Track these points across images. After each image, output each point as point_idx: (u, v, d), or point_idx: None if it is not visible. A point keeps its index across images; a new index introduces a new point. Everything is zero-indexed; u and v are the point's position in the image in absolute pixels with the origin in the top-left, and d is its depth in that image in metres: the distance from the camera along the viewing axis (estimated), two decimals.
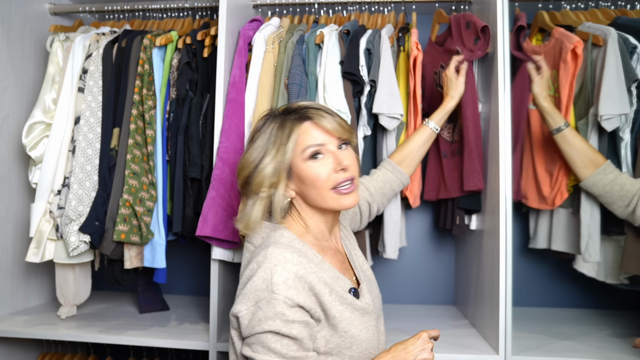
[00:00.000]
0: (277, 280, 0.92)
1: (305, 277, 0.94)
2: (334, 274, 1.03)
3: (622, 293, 1.71)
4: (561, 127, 1.45)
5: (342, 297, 1.00)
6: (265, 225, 1.07)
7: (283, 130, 1.03)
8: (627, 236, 1.47)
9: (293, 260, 0.95)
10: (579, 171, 1.47)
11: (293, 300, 0.91)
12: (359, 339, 1.00)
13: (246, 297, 0.94)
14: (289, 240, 1.02)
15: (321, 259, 1.03)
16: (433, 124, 1.45)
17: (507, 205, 1.39)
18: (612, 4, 1.70)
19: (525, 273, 1.94)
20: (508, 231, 1.38)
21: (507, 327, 1.37)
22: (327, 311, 0.97)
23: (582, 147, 1.45)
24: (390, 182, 1.41)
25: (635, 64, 1.48)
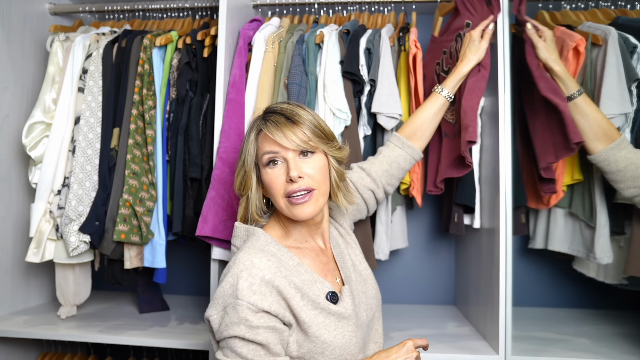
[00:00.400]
0: (242, 285, 0.93)
1: (272, 282, 0.95)
2: (311, 277, 1.02)
3: (622, 293, 1.71)
4: (574, 95, 1.36)
5: (315, 301, 0.99)
6: (245, 229, 1.08)
7: (250, 134, 1.07)
8: (632, 238, 1.45)
9: (260, 265, 0.96)
10: (589, 143, 1.36)
11: (257, 305, 0.92)
12: (332, 345, 0.98)
13: (215, 302, 0.96)
14: (264, 243, 1.03)
15: (298, 262, 1.02)
16: (446, 91, 1.36)
17: (507, 205, 1.39)
18: (612, 4, 1.70)
19: (525, 273, 1.94)
20: (508, 231, 1.38)
21: (507, 327, 1.36)
22: (297, 316, 0.96)
23: (596, 117, 1.35)
24: (398, 161, 1.33)
25: (635, 64, 1.48)
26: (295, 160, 1.02)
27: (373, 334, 1.13)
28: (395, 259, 2.00)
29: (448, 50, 1.60)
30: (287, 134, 1.00)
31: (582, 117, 1.36)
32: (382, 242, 1.58)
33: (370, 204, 1.33)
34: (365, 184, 1.30)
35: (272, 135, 1.00)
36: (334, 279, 1.10)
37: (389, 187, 1.35)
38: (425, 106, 1.37)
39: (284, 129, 1.01)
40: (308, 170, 1.02)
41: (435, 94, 1.37)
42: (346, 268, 1.13)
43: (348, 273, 1.12)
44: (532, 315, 1.79)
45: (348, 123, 1.48)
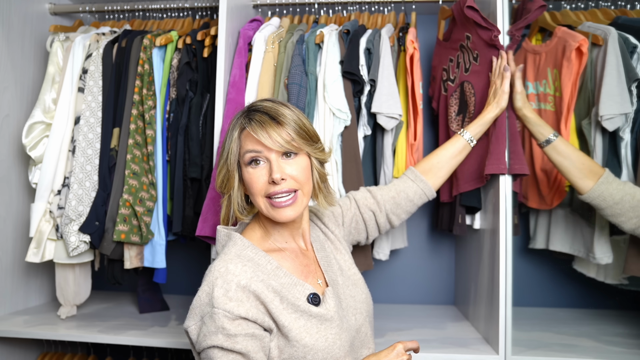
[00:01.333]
0: (217, 293, 0.91)
1: (248, 286, 0.93)
2: (290, 280, 1.00)
3: (622, 293, 1.71)
4: (551, 138, 1.35)
5: (295, 304, 0.97)
6: (224, 234, 1.06)
7: (233, 131, 1.03)
8: (631, 238, 1.45)
9: (235, 271, 0.94)
10: (578, 183, 1.34)
11: (233, 312, 0.89)
12: (314, 349, 0.95)
13: (193, 312, 0.94)
14: (240, 248, 1.01)
15: (276, 266, 1.00)
16: (469, 135, 1.36)
17: (507, 205, 1.39)
18: (612, 4, 1.70)
19: (525, 273, 1.94)
20: (508, 231, 1.38)
21: (507, 327, 1.36)
22: (276, 320, 0.94)
23: (578, 156, 1.34)
24: (407, 191, 1.31)
25: (635, 64, 1.48)
26: (278, 161, 0.99)
27: (365, 338, 1.10)
28: (395, 259, 2.00)
29: (455, 60, 1.61)
30: (272, 134, 0.97)
31: (565, 158, 1.35)
32: (382, 242, 1.58)
33: (370, 226, 1.30)
34: (367, 204, 1.28)
35: (256, 135, 0.97)
36: (316, 280, 1.07)
37: (394, 216, 1.32)
38: (445, 145, 1.37)
39: (268, 128, 0.97)
40: (291, 172, 1.00)
41: (457, 135, 1.37)
42: (332, 271, 1.10)
43: (334, 276, 1.10)
44: (532, 315, 1.79)
45: (348, 123, 1.48)
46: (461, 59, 1.57)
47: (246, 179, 1.02)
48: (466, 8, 1.42)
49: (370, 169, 1.59)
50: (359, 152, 1.53)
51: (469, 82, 1.52)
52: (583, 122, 1.54)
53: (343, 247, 1.20)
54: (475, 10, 1.41)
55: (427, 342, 1.47)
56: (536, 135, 1.38)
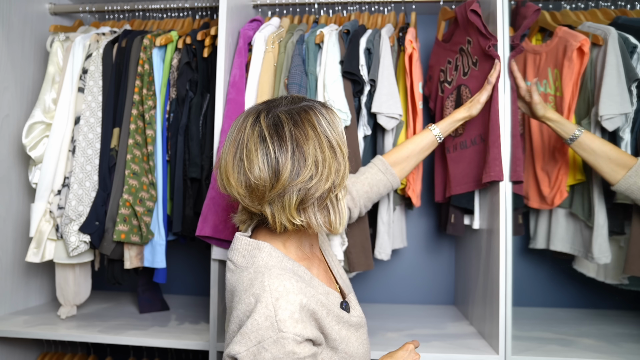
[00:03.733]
0: (283, 316, 0.83)
1: (308, 306, 0.87)
2: (325, 289, 0.96)
3: (622, 293, 1.71)
4: (576, 135, 1.36)
5: (338, 315, 0.94)
6: (247, 242, 0.95)
7: (336, 130, 0.96)
8: (631, 238, 1.46)
9: (294, 290, 0.86)
10: (607, 176, 1.35)
11: (302, 335, 0.84)
12: (356, 356, 0.95)
13: (246, 336, 0.83)
14: (279, 260, 0.92)
15: (311, 276, 0.95)
16: (438, 131, 1.36)
17: (507, 205, 1.39)
18: (612, 4, 1.70)
19: (525, 273, 1.94)
20: (508, 231, 1.38)
21: (507, 327, 1.37)
22: (327, 334, 0.91)
23: (605, 150, 1.34)
24: (379, 185, 1.31)
25: (635, 64, 1.48)
26: None
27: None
28: (395, 259, 2.00)
29: (453, 62, 1.61)
30: None
31: (591, 153, 1.36)
32: (384, 242, 1.58)
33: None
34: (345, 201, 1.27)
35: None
36: (335, 286, 1.05)
37: (364, 208, 1.34)
38: (415, 138, 1.38)
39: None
40: None
41: (427, 130, 1.37)
42: (338, 276, 1.09)
43: (340, 281, 1.08)
44: (532, 315, 1.79)
45: (348, 123, 1.48)
46: (460, 62, 1.57)
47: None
48: (469, 11, 1.42)
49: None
50: (359, 152, 1.53)
51: (467, 87, 1.53)
52: (582, 122, 1.54)
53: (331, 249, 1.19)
54: (477, 15, 1.41)
55: (427, 342, 1.48)
56: (561, 133, 1.39)
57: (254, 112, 0.93)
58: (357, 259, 1.49)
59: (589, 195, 1.55)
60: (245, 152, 0.89)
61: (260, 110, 0.92)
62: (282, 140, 0.88)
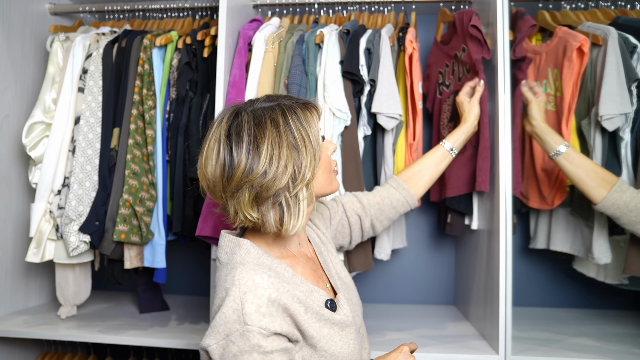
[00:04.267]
0: (249, 309, 0.84)
1: (278, 300, 0.87)
2: (308, 287, 0.96)
3: (622, 293, 1.71)
4: (560, 150, 1.36)
5: (319, 313, 0.94)
6: (230, 239, 0.98)
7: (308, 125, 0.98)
8: (631, 238, 1.45)
9: (263, 284, 0.87)
10: (592, 192, 1.34)
11: (269, 329, 0.85)
12: (340, 356, 0.94)
13: (215, 329, 0.86)
14: (256, 256, 0.94)
15: (292, 273, 0.96)
16: (449, 145, 1.38)
17: (507, 205, 1.39)
18: (612, 4, 1.70)
19: (525, 273, 1.94)
20: (508, 231, 1.38)
21: (507, 327, 1.36)
22: (304, 331, 0.91)
23: (590, 166, 1.34)
24: (391, 199, 1.32)
25: (635, 64, 1.48)
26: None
27: (362, 339, 1.09)
28: (395, 259, 2.00)
29: (450, 66, 1.61)
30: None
31: (577, 167, 1.35)
32: (383, 242, 1.58)
33: (354, 230, 1.30)
34: (354, 208, 1.29)
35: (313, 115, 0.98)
36: (325, 285, 1.05)
37: (377, 222, 1.33)
38: (427, 155, 1.39)
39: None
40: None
41: (438, 145, 1.39)
42: (331, 275, 1.09)
43: (334, 281, 1.08)
44: (532, 315, 1.79)
45: (348, 123, 1.48)
46: (456, 67, 1.58)
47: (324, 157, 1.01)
48: (470, 27, 1.43)
49: (370, 169, 1.59)
50: (359, 152, 1.53)
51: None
52: (583, 122, 1.54)
53: (333, 249, 1.19)
54: (478, 30, 1.42)
55: (427, 342, 1.48)
56: (548, 145, 1.39)
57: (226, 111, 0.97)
58: (357, 259, 1.49)
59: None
60: (206, 148, 0.94)
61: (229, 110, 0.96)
62: (240, 137, 0.90)
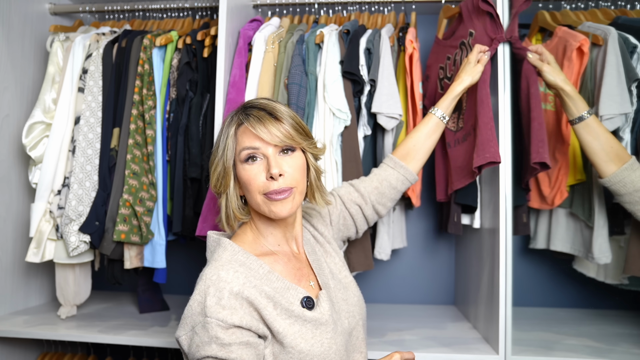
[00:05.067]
0: (210, 302, 0.88)
1: (241, 293, 0.90)
2: (283, 284, 0.98)
3: (622, 293, 1.71)
4: (584, 115, 1.34)
5: (289, 309, 0.95)
6: (214, 239, 1.04)
7: (229, 128, 1.02)
8: (631, 238, 1.45)
9: (227, 278, 0.91)
10: (602, 165, 1.34)
11: (227, 321, 0.87)
12: (310, 354, 0.93)
13: (184, 321, 0.92)
14: (231, 254, 0.98)
15: (268, 270, 0.98)
16: (440, 112, 1.34)
17: (507, 205, 1.39)
18: (612, 4, 1.70)
19: (525, 273, 1.94)
20: (508, 231, 1.38)
21: (507, 327, 1.36)
22: (271, 326, 0.92)
23: (607, 138, 1.33)
24: (389, 179, 1.30)
25: (635, 64, 1.48)
26: (275, 157, 0.98)
27: (357, 342, 1.09)
28: (395, 259, 2.00)
29: (452, 57, 1.60)
30: (271, 129, 0.97)
31: (594, 137, 1.34)
32: (383, 242, 1.58)
33: (358, 220, 1.29)
34: (352, 198, 1.27)
35: (255, 130, 0.96)
36: (308, 282, 1.05)
37: (380, 206, 1.31)
38: (419, 126, 1.36)
39: (267, 123, 0.97)
40: (288, 168, 0.98)
41: (429, 114, 1.36)
42: (323, 275, 1.09)
43: (325, 280, 1.08)
44: (532, 315, 1.79)
45: (348, 123, 1.48)
46: (459, 57, 1.56)
47: (243, 177, 1.00)
48: (481, 2, 1.39)
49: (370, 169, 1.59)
50: (359, 152, 1.53)
51: None
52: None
53: (333, 250, 1.19)
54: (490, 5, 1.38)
55: (427, 342, 1.47)
56: (570, 110, 1.36)
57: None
58: (357, 259, 1.49)
59: (589, 195, 1.55)
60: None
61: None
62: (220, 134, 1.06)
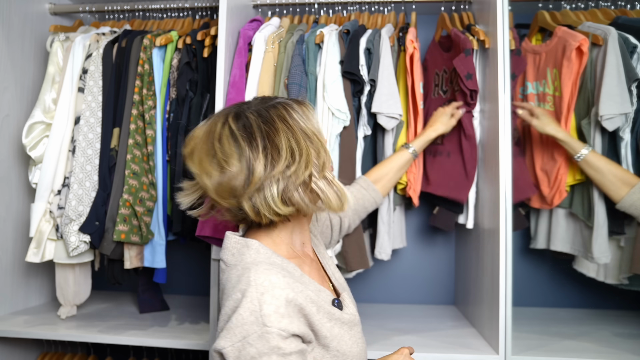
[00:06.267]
0: (267, 310, 0.82)
1: (295, 300, 0.86)
2: (316, 287, 0.95)
3: (622, 293, 1.71)
4: (582, 154, 1.46)
5: (330, 312, 0.92)
6: (234, 240, 0.96)
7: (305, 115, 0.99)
8: (638, 235, 1.46)
9: (280, 284, 0.85)
10: (612, 194, 1.44)
11: (287, 330, 0.83)
12: (350, 355, 0.93)
13: (231, 331, 0.83)
14: (266, 256, 0.92)
15: (301, 273, 0.94)
16: (413, 149, 1.49)
17: (507, 205, 1.39)
18: (612, 4, 1.70)
19: (526, 273, 1.94)
20: (508, 231, 1.38)
21: (507, 327, 1.36)
22: (317, 332, 0.89)
23: (609, 169, 1.43)
24: (364, 200, 1.39)
25: (635, 64, 1.48)
26: None
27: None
28: (395, 259, 2.00)
29: (449, 73, 1.62)
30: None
31: (597, 172, 1.44)
32: (384, 242, 1.58)
33: (335, 231, 1.33)
34: None
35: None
36: (328, 284, 1.04)
37: (352, 223, 1.39)
38: (392, 157, 1.49)
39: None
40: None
41: (403, 149, 1.50)
42: (333, 276, 1.09)
43: (335, 281, 1.08)
44: (532, 315, 1.79)
45: (347, 123, 1.48)
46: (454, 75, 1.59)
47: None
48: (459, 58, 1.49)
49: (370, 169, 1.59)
50: (355, 153, 1.53)
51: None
52: (582, 122, 1.54)
53: (325, 252, 1.18)
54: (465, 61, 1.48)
55: (427, 342, 1.48)
56: (569, 151, 1.49)
57: (223, 114, 0.95)
58: (353, 257, 1.50)
59: (588, 195, 1.55)
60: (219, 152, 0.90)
61: (228, 113, 0.95)
62: (252, 137, 0.89)
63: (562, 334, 1.58)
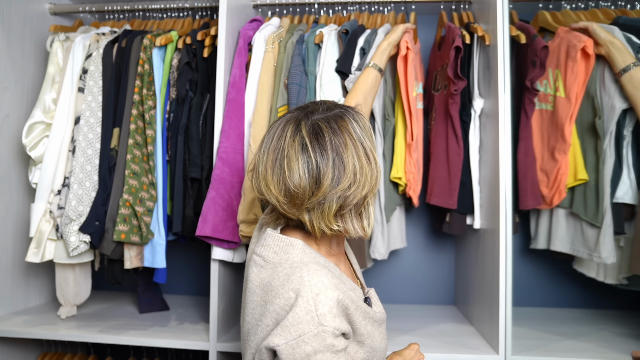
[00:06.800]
0: (323, 311, 0.86)
1: (342, 301, 0.89)
2: (352, 285, 0.98)
3: (622, 293, 1.71)
4: (629, 66, 1.41)
5: (365, 311, 0.96)
6: (277, 239, 0.96)
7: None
8: (636, 235, 1.45)
9: (331, 285, 0.89)
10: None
11: (339, 329, 0.87)
12: (379, 351, 0.97)
13: (286, 329, 0.86)
14: (312, 256, 0.94)
15: (340, 272, 0.97)
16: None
17: (507, 205, 1.39)
18: (612, 4, 1.70)
19: (525, 273, 1.94)
20: (508, 231, 1.38)
21: (507, 327, 1.37)
22: (356, 329, 0.93)
23: None
24: None
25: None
26: None
27: None
28: (395, 259, 2.01)
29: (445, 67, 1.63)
30: None
31: (637, 89, 1.40)
32: (377, 242, 1.59)
33: None
34: None
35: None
36: (358, 283, 1.08)
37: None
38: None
39: None
40: None
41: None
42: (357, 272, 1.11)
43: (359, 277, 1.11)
44: (532, 315, 1.79)
45: None
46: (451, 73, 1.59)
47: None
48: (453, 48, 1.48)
49: None
50: None
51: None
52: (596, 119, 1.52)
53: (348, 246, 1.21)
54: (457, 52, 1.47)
55: (427, 342, 1.48)
56: (616, 61, 1.44)
57: (294, 120, 0.93)
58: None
59: (594, 195, 1.53)
60: (286, 160, 0.90)
61: (300, 118, 0.93)
62: (324, 148, 0.89)
63: (562, 334, 1.58)
